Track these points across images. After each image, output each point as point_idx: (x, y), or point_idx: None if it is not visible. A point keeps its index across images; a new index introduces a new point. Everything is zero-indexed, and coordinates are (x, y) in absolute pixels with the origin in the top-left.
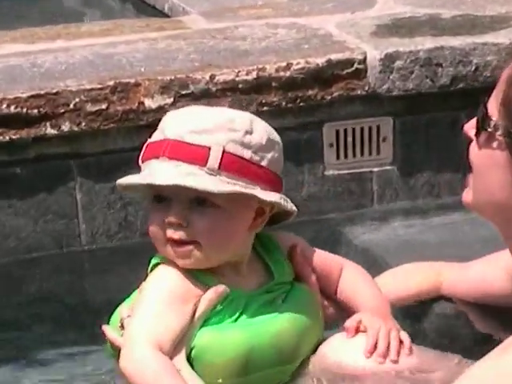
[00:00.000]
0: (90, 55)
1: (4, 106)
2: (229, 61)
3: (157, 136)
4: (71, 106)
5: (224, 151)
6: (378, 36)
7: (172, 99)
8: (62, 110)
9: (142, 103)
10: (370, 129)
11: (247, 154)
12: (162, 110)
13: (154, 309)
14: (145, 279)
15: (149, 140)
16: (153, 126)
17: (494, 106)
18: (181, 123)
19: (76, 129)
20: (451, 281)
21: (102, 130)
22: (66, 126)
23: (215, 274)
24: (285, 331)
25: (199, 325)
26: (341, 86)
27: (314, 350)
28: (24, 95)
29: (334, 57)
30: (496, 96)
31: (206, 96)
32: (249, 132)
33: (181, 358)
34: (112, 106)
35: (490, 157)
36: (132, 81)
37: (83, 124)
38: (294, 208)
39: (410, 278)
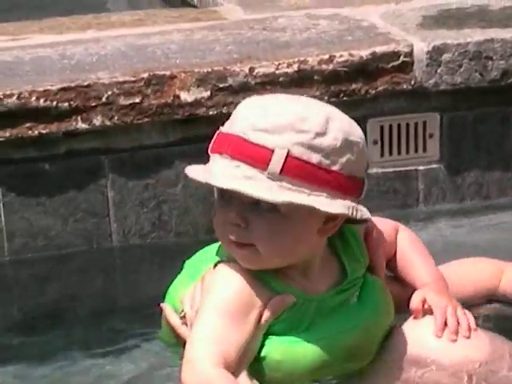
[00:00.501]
0: (123, 46)
1: (33, 98)
2: (268, 53)
3: (227, 126)
4: (103, 99)
5: (288, 155)
6: (424, 28)
7: (209, 92)
8: (94, 104)
9: (178, 96)
10: (416, 125)
11: (315, 158)
12: (198, 104)
13: (218, 321)
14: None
15: (221, 128)
16: (189, 121)
17: None
18: (249, 117)
19: (108, 123)
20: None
21: (135, 124)
22: (97, 121)
23: (282, 276)
24: (360, 341)
25: (262, 333)
26: (386, 80)
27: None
28: (54, 88)
29: (379, 49)
30: None
31: (245, 89)
32: (320, 134)
33: (243, 371)
34: (146, 100)
35: None
36: (167, 73)
37: (116, 118)
38: (366, 216)
39: (472, 270)
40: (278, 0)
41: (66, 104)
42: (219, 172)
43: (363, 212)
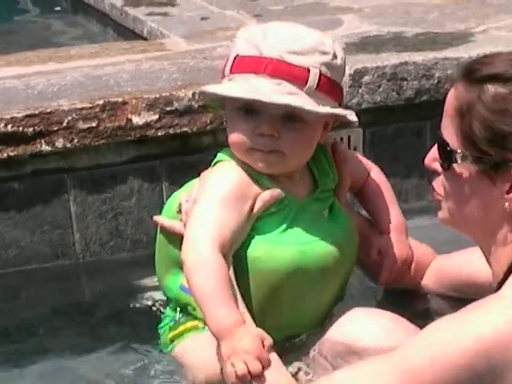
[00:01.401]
0: (80, 77)
1: (1, 125)
2: (209, 79)
3: (249, 51)
4: (64, 124)
5: (320, 73)
6: (346, 53)
7: (157, 116)
8: (56, 128)
9: (130, 120)
10: (342, 139)
11: (334, 75)
12: (148, 126)
13: (215, 207)
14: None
15: (237, 52)
16: (140, 141)
17: (453, 137)
18: (278, 42)
19: (69, 145)
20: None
21: (93, 145)
22: (59, 143)
23: (272, 178)
24: (331, 255)
25: (252, 222)
26: None
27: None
28: (20, 115)
29: None
30: (452, 126)
31: (189, 112)
32: (335, 55)
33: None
34: (102, 124)
35: (462, 186)
36: (120, 99)
37: (76, 140)
38: (356, 119)
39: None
40: (216, 32)
41: (31, 129)
42: (264, 89)
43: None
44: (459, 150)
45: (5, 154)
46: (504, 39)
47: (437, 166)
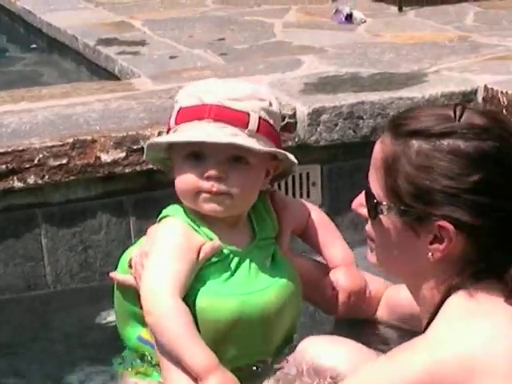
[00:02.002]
0: (51, 116)
1: None
2: None
3: (191, 101)
4: (35, 161)
5: (260, 117)
6: (305, 93)
7: (125, 153)
8: (28, 165)
9: (99, 157)
10: (301, 175)
11: (271, 120)
12: (115, 164)
13: (166, 257)
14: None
15: (180, 105)
16: (108, 178)
17: (378, 189)
18: (218, 91)
19: (40, 181)
20: (387, 299)
21: (63, 182)
22: (31, 179)
23: (213, 228)
24: (272, 303)
25: (196, 271)
26: None
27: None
28: None
29: None
30: (378, 178)
31: None
32: (270, 102)
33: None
34: (72, 161)
35: (388, 236)
36: (89, 138)
37: (46, 177)
38: (295, 161)
39: None
40: (181, 72)
41: (4, 166)
42: (209, 132)
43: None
44: (384, 202)
45: None
46: (455, 79)
47: (364, 211)
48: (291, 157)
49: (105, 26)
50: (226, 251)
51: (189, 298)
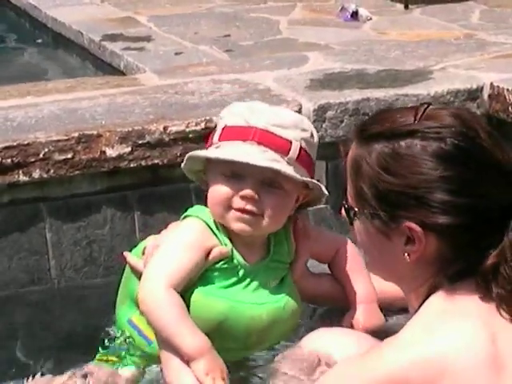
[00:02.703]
0: (57, 110)
1: None
2: (180, 113)
3: (237, 121)
4: (41, 155)
5: (301, 147)
6: (311, 89)
7: (130, 148)
8: (33, 159)
9: (104, 152)
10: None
11: (310, 151)
12: (121, 158)
13: (175, 249)
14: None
15: (225, 123)
16: (113, 172)
17: (349, 195)
18: (264, 115)
19: (45, 176)
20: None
21: (68, 176)
22: (36, 174)
23: (232, 236)
24: (258, 320)
25: (201, 270)
26: None
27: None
28: None
29: None
30: (349, 185)
31: (161, 145)
32: (312, 134)
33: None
34: (77, 155)
35: (366, 240)
36: (94, 132)
37: (52, 171)
38: (326, 193)
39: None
40: (187, 68)
41: (10, 160)
42: (252, 154)
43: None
44: (355, 208)
45: None
46: (461, 77)
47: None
48: (323, 188)
49: (110, 21)
50: (235, 261)
51: (187, 292)
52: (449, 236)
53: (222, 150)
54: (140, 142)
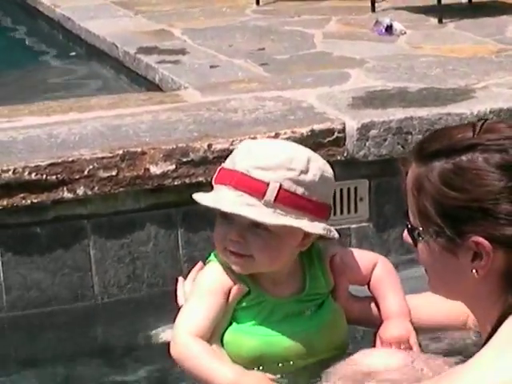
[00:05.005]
0: (101, 126)
1: (26, 173)
2: (224, 131)
3: (228, 164)
4: (85, 172)
5: (280, 187)
6: (354, 107)
7: (174, 166)
8: (77, 176)
9: (148, 169)
10: (349, 190)
11: (300, 190)
12: (165, 176)
13: (195, 303)
14: None
15: (223, 164)
16: (157, 190)
17: (412, 215)
18: (249, 157)
19: (90, 193)
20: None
21: (112, 193)
22: (80, 191)
23: (252, 276)
24: (296, 349)
25: (230, 313)
26: (323, 153)
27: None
28: (43, 163)
29: (317, 127)
30: (411, 206)
31: (205, 163)
32: (304, 171)
33: (216, 340)
34: (121, 172)
35: (432, 260)
36: (139, 150)
37: (96, 188)
38: (336, 235)
39: (445, 303)
40: (229, 84)
41: (54, 177)
42: (226, 199)
43: (334, 232)
44: (420, 228)
45: (28, 201)
46: (504, 95)
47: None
48: (306, 228)
49: (144, 34)
50: (261, 297)
51: (220, 335)
52: None
53: (209, 194)
54: (184, 159)
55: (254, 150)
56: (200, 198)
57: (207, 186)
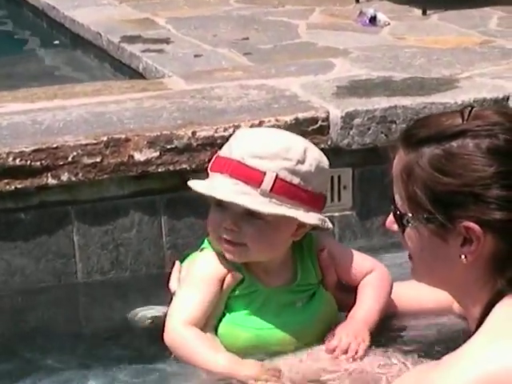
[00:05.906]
0: (85, 113)
1: (10, 159)
2: (208, 119)
3: (225, 151)
4: (69, 159)
5: (277, 177)
6: (338, 96)
7: (158, 153)
8: (62, 163)
9: (132, 156)
10: (332, 178)
11: (296, 180)
12: (149, 163)
13: (188, 291)
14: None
15: (219, 152)
16: (141, 177)
17: (401, 202)
18: (246, 145)
19: (74, 179)
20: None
21: (96, 180)
22: (64, 177)
23: (245, 264)
24: (289, 341)
25: (224, 300)
26: None
27: None
28: (28, 149)
29: (301, 115)
30: (399, 191)
31: (189, 150)
32: (300, 161)
33: (210, 327)
34: (105, 159)
35: (419, 247)
36: (123, 136)
37: (80, 175)
38: (330, 226)
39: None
40: (213, 73)
41: (38, 163)
42: (221, 187)
43: (328, 223)
44: (409, 214)
45: (12, 187)
46: (488, 86)
47: (396, 228)
48: (302, 218)
49: (128, 22)
50: (254, 286)
51: (216, 323)
52: (506, 233)
53: (204, 181)
54: (168, 146)
55: (251, 138)
56: (195, 185)
57: (192, 174)
